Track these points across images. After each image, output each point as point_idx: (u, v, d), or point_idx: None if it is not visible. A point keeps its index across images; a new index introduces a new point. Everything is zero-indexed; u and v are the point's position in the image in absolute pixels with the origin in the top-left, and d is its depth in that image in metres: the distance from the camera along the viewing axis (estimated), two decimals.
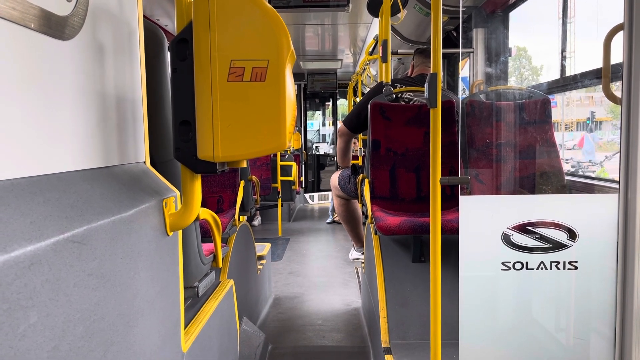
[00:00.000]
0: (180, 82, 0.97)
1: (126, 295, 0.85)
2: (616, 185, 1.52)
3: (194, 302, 1.49)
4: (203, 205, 1.14)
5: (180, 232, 1.14)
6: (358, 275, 4.13)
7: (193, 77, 0.95)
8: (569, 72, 2.59)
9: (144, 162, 1.12)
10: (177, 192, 1.13)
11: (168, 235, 1.06)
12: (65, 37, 0.81)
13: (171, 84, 0.99)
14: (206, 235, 1.62)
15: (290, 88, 0.97)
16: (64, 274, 0.67)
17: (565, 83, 2.61)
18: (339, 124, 9.47)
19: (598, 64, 1.80)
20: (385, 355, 2.02)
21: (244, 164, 1.04)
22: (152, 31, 1.24)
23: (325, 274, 4.30)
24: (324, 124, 10.36)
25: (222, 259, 1.70)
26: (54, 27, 0.77)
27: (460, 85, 4.23)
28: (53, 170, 0.77)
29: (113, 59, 0.98)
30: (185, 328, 1.22)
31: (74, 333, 0.68)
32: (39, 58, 0.74)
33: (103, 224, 0.78)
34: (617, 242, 1.51)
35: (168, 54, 1.29)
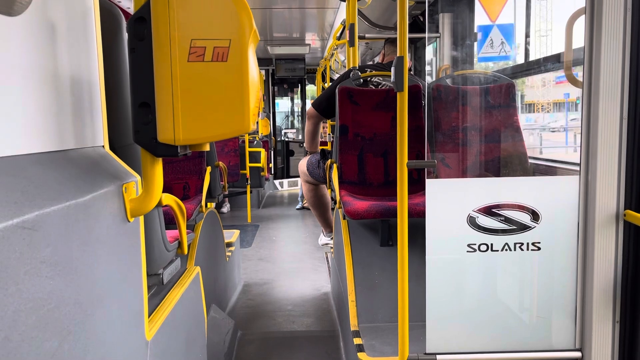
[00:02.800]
0: (138, 62, 0.93)
1: (84, 283, 0.82)
2: (577, 168, 1.55)
3: (159, 289, 1.46)
4: (168, 191, 1.11)
5: (142, 218, 1.11)
6: (327, 261, 4.15)
7: (152, 58, 0.92)
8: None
9: (103, 145, 1.08)
10: (138, 177, 1.10)
11: (129, 221, 1.03)
12: (13, 12, 0.76)
13: (129, 64, 0.95)
14: (171, 222, 1.59)
15: (254, 69, 0.94)
16: (14, 262, 0.64)
17: (529, 67, 2.65)
18: (308, 106, 9.44)
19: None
20: (354, 339, 2.04)
21: (207, 147, 1.01)
22: (108, 10, 1.19)
23: (294, 259, 4.30)
24: (292, 114, 10.29)
25: (189, 245, 1.67)
26: (0, 1, 0.73)
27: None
28: (1, 153, 0.73)
29: (66, 37, 0.94)
30: (149, 316, 1.19)
31: (26, 323, 0.66)
32: None
33: (57, 209, 0.75)
34: (578, 223, 1.55)
35: (126, 34, 1.25)
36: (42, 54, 0.86)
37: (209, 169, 2.81)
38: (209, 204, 2.82)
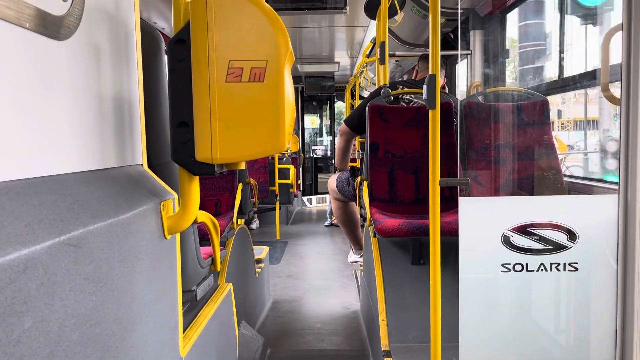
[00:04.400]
0: (178, 83, 0.96)
1: (123, 299, 0.84)
2: (615, 187, 1.51)
3: (192, 306, 1.48)
4: (201, 208, 1.13)
5: (178, 235, 1.13)
6: (357, 278, 4.12)
7: (191, 78, 0.94)
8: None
9: (141, 164, 1.10)
10: (175, 195, 1.12)
11: (166, 238, 1.05)
12: (61, 37, 0.79)
13: (169, 85, 0.98)
14: (204, 238, 1.60)
15: (289, 88, 0.96)
16: (60, 278, 0.65)
17: (564, 84, 2.61)
18: (337, 123, 9.45)
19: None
20: (385, 358, 2.01)
21: (243, 166, 1.03)
22: (149, 32, 1.23)
23: (323, 277, 4.28)
24: (321, 131, 10.33)
25: (221, 262, 1.68)
26: (50, 26, 0.76)
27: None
28: (49, 172, 0.75)
29: (110, 60, 0.97)
30: (183, 332, 1.20)
31: (70, 338, 0.67)
32: (34, 58, 0.73)
33: (99, 227, 0.76)
34: (617, 243, 1.50)
35: (165, 56, 1.28)
36: (87, 76, 0.89)
37: (240, 185, 2.84)
38: (239, 220, 2.85)
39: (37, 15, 0.73)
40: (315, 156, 9.51)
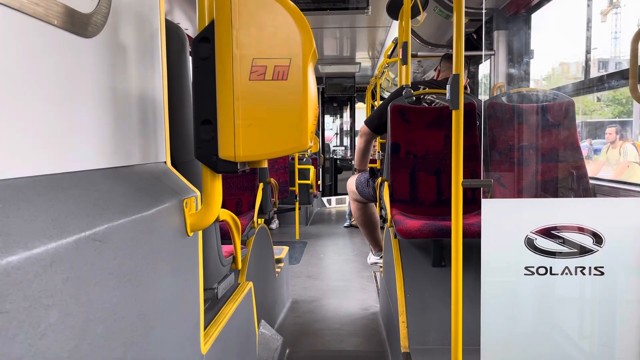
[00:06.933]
0: (201, 81, 0.96)
1: (146, 295, 0.84)
2: None
3: (213, 303, 1.49)
4: (222, 207, 1.14)
5: (200, 233, 1.13)
6: (376, 280, 4.10)
7: (215, 76, 0.95)
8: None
9: (165, 161, 1.11)
10: (198, 193, 1.12)
11: (188, 235, 1.05)
12: (88, 34, 0.80)
13: (193, 83, 0.98)
14: (225, 237, 1.61)
15: (312, 87, 0.95)
16: (85, 273, 0.66)
17: (591, 85, 2.56)
18: (357, 124, 9.42)
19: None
20: None
21: (265, 164, 1.03)
22: (174, 31, 1.24)
23: (343, 278, 4.27)
24: (341, 132, 10.31)
25: (241, 261, 1.69)
26: (77, 24, 0.77)
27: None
28: (75, 168, 0.76)
29: (135, 58, 0.98)
30: (204, 329, 1.21)
31: (95, 332, 0.68)
32: (62, 55, 0.74)
33: (124, 223, 0.77)
34: None
35: (190, 54, 1.29)
36: (113, 73, 0.90)
37: (261, 185, 2.85)
38: (259, 219, 2.86)
39: (65, 13, 0.73)
40: (335, 157, 9.51)
